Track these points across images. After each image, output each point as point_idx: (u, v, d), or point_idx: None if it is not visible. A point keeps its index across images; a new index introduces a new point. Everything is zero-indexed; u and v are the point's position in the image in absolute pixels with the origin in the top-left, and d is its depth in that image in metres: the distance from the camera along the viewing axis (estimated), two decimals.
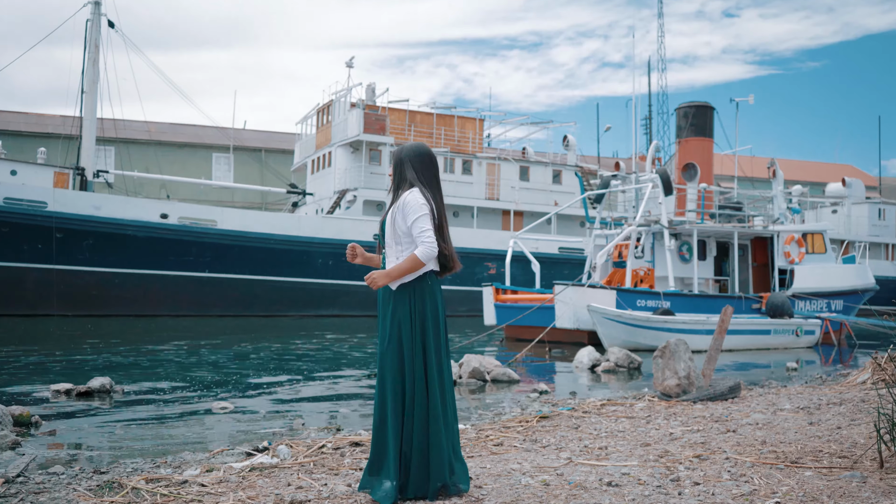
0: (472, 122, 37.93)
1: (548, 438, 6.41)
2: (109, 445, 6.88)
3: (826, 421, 6.99)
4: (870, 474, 4.52)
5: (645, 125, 49.62)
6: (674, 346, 9.12)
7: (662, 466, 5.09)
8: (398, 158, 4.45)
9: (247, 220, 31.14)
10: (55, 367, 13.32)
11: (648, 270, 22.33)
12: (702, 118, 27.35)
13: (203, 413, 8.73)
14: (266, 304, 30.91)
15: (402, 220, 4.26)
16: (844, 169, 67.20)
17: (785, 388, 10.35)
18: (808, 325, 20.42)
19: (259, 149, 49.02)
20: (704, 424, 6.99)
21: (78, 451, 6.58)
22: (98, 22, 31.25)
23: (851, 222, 41.12)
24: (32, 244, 27.58)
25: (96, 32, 31.19)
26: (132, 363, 14.23)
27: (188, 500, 4.50)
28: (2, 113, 47.27)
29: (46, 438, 7.15)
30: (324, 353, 17.01)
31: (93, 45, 31.14)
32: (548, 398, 9.81)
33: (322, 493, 4.55)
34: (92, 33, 31.18)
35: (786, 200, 27.47)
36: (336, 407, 9.46)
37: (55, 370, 12.75)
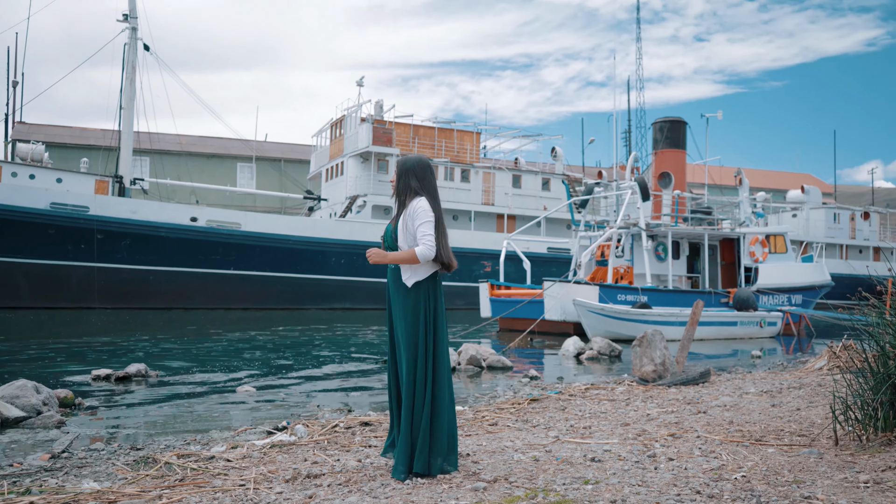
0: (470, 135, 37.91)
1: (538, 419, 6.40)
2: (145, 424, 6.88)
3: (787, 403, 6.98)
4: (826, 451, 4.52)
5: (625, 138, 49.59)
6: (650, 336, 9.12)
7: (640, 444, 5.08)
8: (403, 169, 4.49)
9: (268, 223, 31.16)
10: (96, 354, 13.33)
11: (628, 268, 22.35)
12: (675, 132, 27.33)
13: (229, 396, 8.73)
14: (285, 298, 30.92)
15: (411, 223, 4.35)
16: (803, 177, 67.18)
17: (750, 374, 10.34)
18: (770, 317, 20.43)
19: (279, 159, 49.02)
20: (678, 406, 6.99)
21: (116, 429, 6.58)
22: (135, 45, 31.28)
23: (809, 225, 41.08)
24: (76, 244, 27.61)
25: (133, 55, 31.23)
26: (165, 351, 14.23)
27: (215, 473, 4.50)
28: (49, 127, 47.25)
29: (88, 418, 7.15)
30: (337, 342, 17.00)
31: (130, 67, 31.17)
32: (538, 383, 9.81)
33: (335, 468, 4.55)
34: (129, 56, 31.22)
35: (751, 205, 27.46)
36: (347, 391, 9.45)
37: (96, 357, 12.76)
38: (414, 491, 3.91)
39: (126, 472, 4.64)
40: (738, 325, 19.65)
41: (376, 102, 35.78)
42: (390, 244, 4.43)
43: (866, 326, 5.06)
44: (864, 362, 4.89)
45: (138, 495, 4.00)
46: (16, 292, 26.84)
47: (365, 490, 3.98)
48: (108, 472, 4.72)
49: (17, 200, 26.84)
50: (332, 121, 38.22)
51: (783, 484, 3.74)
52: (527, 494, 3.72)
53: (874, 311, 5.18)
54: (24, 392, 6.92)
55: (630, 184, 23.02)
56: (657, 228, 22.66)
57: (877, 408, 4.67)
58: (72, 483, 4.40)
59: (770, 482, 3.79)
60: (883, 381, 4.62)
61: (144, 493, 4.03)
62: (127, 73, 31.19)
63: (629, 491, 3.71)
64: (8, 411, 6.56)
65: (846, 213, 42.59)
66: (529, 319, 18.70)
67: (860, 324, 5.33)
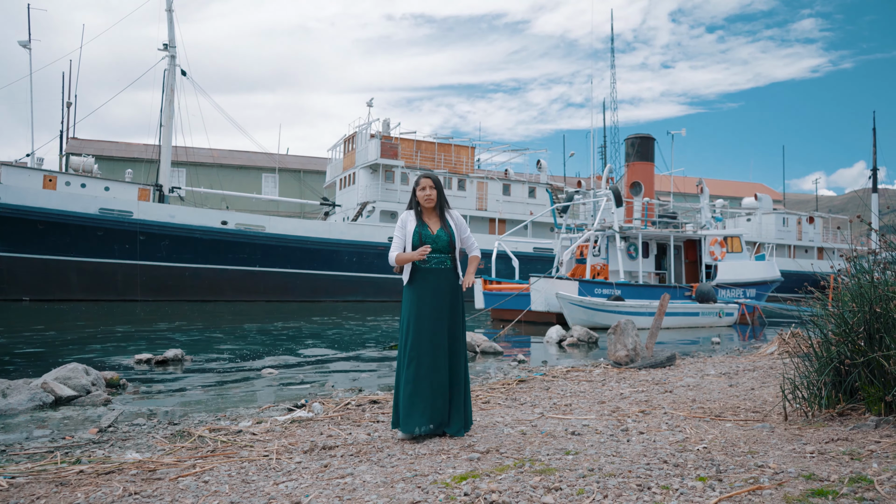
0: (466, 149, 37.89)
1: (525, 397, 6.39)
2: (180, 402, 6.86)
3: (742, 384, 6.98)
4: (777, 425, 4.51)
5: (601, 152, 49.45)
6: (623, 325, 9.11)
7: (615, 419, 5.07)
8: (441, 185, 4.74)
9: (288, 226, 31.14)
10: (138, 340, 13.30)
11: (604, 266, 22.33)
12: (645, 147, 27.30)
13: (254, 377, 8.71)
14: (304, 292, 30.90)
15: (462, 231, 4.70)
16: (756, 186, 67.17)
17: (710, 358, 10.33)
18: (728, 308, 20.43)
19: (298, 170, 48.94)
20: (647, 386, 6.98)
21: (156, 406, 6.56)
22: (173, 71, 31.29)
23: (762, 228, 41.10)
24: (121, 245, 27.58)
25: (172, 79, 31.23)
26: (199, 338, 14.20)
27: (242, 445, 4.48)
28: (98, 142, 47.16)
29: (131, 397, 7.13)
30: (348, 330, 16.98)
31: (169, 89, 31.15)
32: (525, 366, 9.79)
33: (347, 441, 4.53)
34: (168, 80, 31.21)
35: (710, 211, 27.46)
36: (358, 372, 9.44)
37: (138, 343, 12.73)
38: (417, 460, 3.90)
39: (164, 445, 4.62)
40: (699, 316, 19.65)
41: (384, 121, 35.75)
42: (445, 248, 4.60)
43: (811, 317, 5.05)
44: (809, 348, 4.88)
45: (175, 464, 3.99)
46: (68, 286, 26.83)
47: (374, 460, 3.97)
48: (148, 444, 4.70)
49: (70, 206, 26.83)
50: (345, 137, 38.20)
51: (739, 454, 3.73)
52: (515, 464, 3.71)
53: (818, 304, 5.17)
54: (75, 374, 6.91)
55: (605, 192, 23.02)
56: (629, 231, 22.66)
57: (821, 388, 4.66)
58: (116, 454, 4.38)
59: (728, 453, 3.78)
60: (826, 364, 4.61)
61: (180, 463, 4.02)
62: (166, 95, 31.18)
63: (605, 460, 3.70)
64: (61, 391, 6.54)
65: (794, 217, 42.60)
66: (518, 310, 18.70)
67: (806, 314, 5.32)
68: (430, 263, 4.56)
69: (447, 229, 4.61)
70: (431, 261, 4.57)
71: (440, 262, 4.58)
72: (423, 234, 4.57)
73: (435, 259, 4.57)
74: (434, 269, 4.56)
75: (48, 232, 26.44)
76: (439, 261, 4.58)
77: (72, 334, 14.33)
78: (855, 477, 3.12)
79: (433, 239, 4.55)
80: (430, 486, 3.34)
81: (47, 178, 27.87)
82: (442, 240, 4.58)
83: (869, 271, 4.71)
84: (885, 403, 4.26)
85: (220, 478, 3.67)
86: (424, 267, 4.57)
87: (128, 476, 3.75)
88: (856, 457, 3.50)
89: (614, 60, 52.30)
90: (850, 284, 4.74)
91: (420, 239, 4.56)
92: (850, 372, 4.49)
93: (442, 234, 4.59)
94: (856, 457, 3.50)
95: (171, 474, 3.77)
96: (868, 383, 4.41)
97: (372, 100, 36.35)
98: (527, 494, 3.12)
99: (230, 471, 3.81)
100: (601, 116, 57.90)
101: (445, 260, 4.60)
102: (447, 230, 4.60)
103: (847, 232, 43.43)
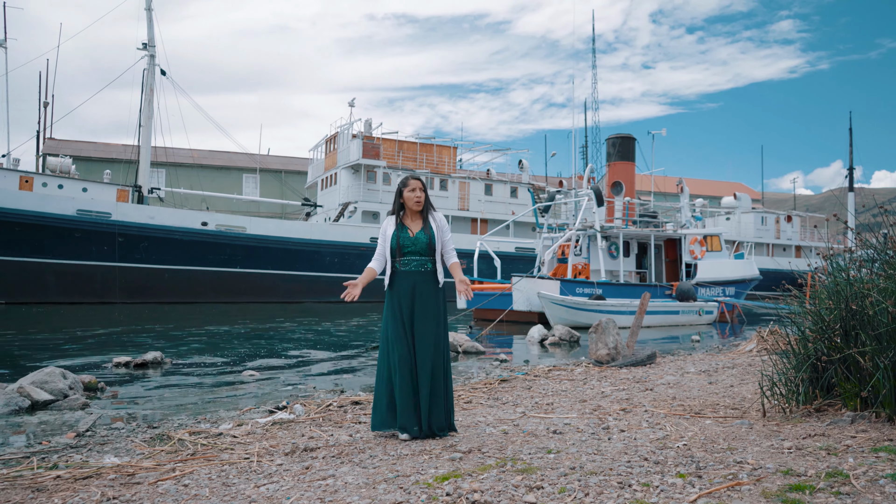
0: (448, 149, 37.91)
1: (507, 397, 6.40)
2: (160, 406, 6.79)
3: (722, 381, 7.04)
4: (755, 422, 4.56)
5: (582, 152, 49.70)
6: (605, 324, 9.16)
7: (596, 418, 5.09)
8: (426, 188, 4.72)
9: (270, 227, 30.96)
10: (117, 343, 13.16)
11: (585, 265, 22.44)
12: (626, 146, 27.48)
13: (234, 379, 8.65)
14: (285, 293, 30.73)
15: (443, 234, 4.64)
16: (735, 186, 67.84)
17: (690, 356, 10.42)
18: (707, 306, 20.61)
19: (280, 170, 48.67)
20: (628, 385, 7.02)
21: (135, 410, 6.49)
22: (152, 71, 30.96)
23: (741, 227, 41.50)
24: (99, 246, 27.26)
25: (151, 79, 30.90)
26: (179, 340, 14.07)
27: (223, 448, 4.45)
28: (76, 142, 46.58)
29: (109, 401, 7.04)
30: (330, 330, 16.92)
31: (148, 89, 30.84)
32: (507, 365, 9.81)
33: (329, 442, 4.51)
34: (147, 80, 30.90)
35: (690, 210, 27.69)
36: (339, 374, 9.41)
37: (117, 346, 12.59)
38: (399, 461, 3.89)
39: (143, 448, 4.58)
40: (679, 314, 19.81)
41: (366, 121, 35.68)
42: (424, 250, 4.55)
43: (789, 314, 5.11)
44: (787, 345, 4.94)
45: (154, 468, 3.95)
46: (46, 289, 26.46)
47: (356, 461, 3.95)
48: (127, 448, 4.65)
49: (48, 208, 26.47)
50: (327, 137, 38.05)
51: (719, 451, 3.76)
52: (497, 463, 3.71)
53: (796, 301, 5.23)
54: (52, 378, 6.81)
55: (587, 191, 23.14)
56: (610, 230, 22.78)
57: (798, 384, 4.72)
58: (95, 458, 4.33)
59: (708, 449, 3.81)
60: (803, 361, 4.67)
61: (160, 467, 3.98)
62: (145, 95, 30.87)
63: (586, 459, 3.72)
64: (38, 395, 6.45)
65: (772, 216, 43.07)
66: (500, 310, 18.74)
67: (784, 312, 5.38)
68: (409, 266, 4.54)
69: (427, 231, 4.57)
70: (411, 263, 4.54)
71: (420, 264, 4.55)
72: (402, 236, 4.56)
73: (415, 262, 4.54)
74: (414, 271, 4.54)
75: (25, 234, 26.06)
76: (419, 263, 4.55)
77: (49, 337, 14.14)
78: (831, 471, 3.16)
79: (412, 241, 4.53)
80: (412, 486, 3.33)
81: (24, 178, 27.47)
82: (420, 242, 4.54)
83: (845, 269, 4.77)
84: (860, 399, 4.32)
85: (201, 481, 3.64)
86: (404, 270, 4.55)
87: (106, 481, 3.70)
88: (832, 452, 3.55)
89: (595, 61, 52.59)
90: (827, 282, 4.80)
91: (398, 242, 4.54)
92: (827, 368, 4.55)
93: (421, 237, 4.55)
94: (832, 452, 3.55)
95: (150, 478, 3.73)
96: (844, 379, 4.47)
97: (354, 100, 36.27)
98: (508, 494, 3.13)
99: (210, 474, 3.78)
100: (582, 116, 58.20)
101: (426, 262, 4.57)
102: (427, 232, 4.57)
103: (824, 230, 43.98)
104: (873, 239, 4.92)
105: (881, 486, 2.91)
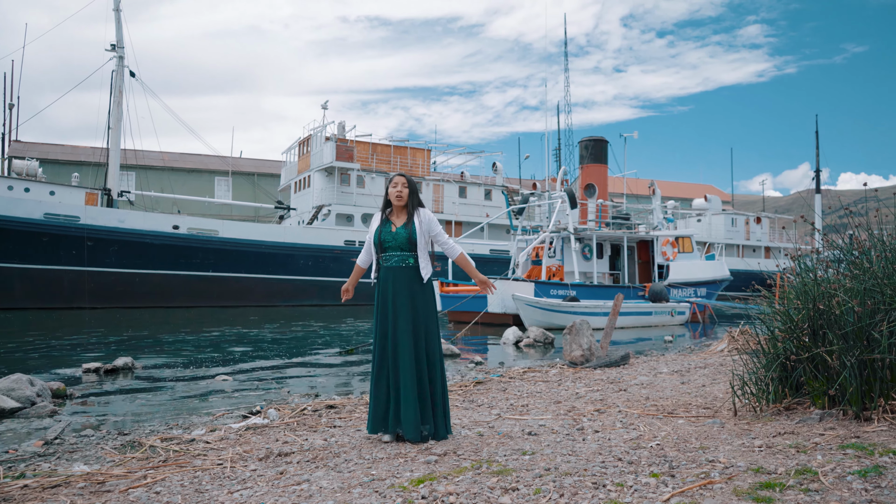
0: (422, 152, 37.90)
1: (482, 399, 6.41)
2: (131, 412, 6.69)
3: (694, 381, 7.12)
4: (727, 421, 4.62)
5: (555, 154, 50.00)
6: (579, 325, 9.21)
7: (570, 419, 5.12)
8: (413, 185, 4.74)
9: (242, 230, 30.66)
10: (87, 349, 12.93)
11: (559, 267, 22.57)
12: (598, 149, 27.69)
13: (207, 384, 8.55)
14: (259, 297, 30.46)
15: (429, 228, 4.63)
16: (706, 188, 68.75)
17: (663, 357, 10.52)
18: (680, 307, 20.84)
19: (252, 173, 48.26)
20: (602, 385, 7.06)
21: (105, 417, 6.38)
22: (121, 72, 30.49)
23: (712, 228, 42.04)
24: (67, 250, 26.78)
25: (120, 81, 30.43)
26: (150, 345, 13.87)
27: (195, 454, 4.39)
28: (43, 145, 45.73)
29: (79, 407, 6.92)
30: (305, 334, 16.80)
31: (117, 91, 30.37)
32: (482, 367, 9.82)
33: (303, 446, 4.48)
34: (116, 81, 30.41)
35: (662, 212, 28.00)
36: (315, 377, 9.34)
37: (87, 352, 12.37)
38: (374, 465, 3.88)
39: (114, 456, 4.50)
40: (652, 315, 20.01)
41: (339, 123, 35.51)
42: (405, 245, 4.54)
43: (759, 314, 5.19)
44: (757, 345, 5.01)
45: (125, 476, 3.88)
46: (12, 294, 25.91)
47: (330, 465, 3.93)
48: (97, 455, 4.57)
49: (14, 211, 25.92)
50: (300, 139, 37.82)
51: (691, 450, 3.80)
52: (472, 465, 3.72)
53: (765, 301, 5.31)
54: (19, 385, 6.67)
55: (560, 194, 23.27)
56: (584, 232, 22.95)
57: (768, 383, 4.79)
58: (63, 467, 4.25)
59: (680, 449, 3.86)
60: (773, 360, 4.74)
61: (131, 474, 3.92)
62: (114, 97, 30.38)
63: (561, 460, 3.74)
64: (4, 403, 6.32)
65: (742, 218, 43.72)
66: (474, 312, 18.76)
67: (754, 312, 5.46)
68: (391, 261, 4.56)
69: (409, 226, 4.58)
70: (392, 258, 4.56)
71: (401, 259, 4.56)
72: (383, 231, 4.59)
73: (396, 257, 4.56)
74: (395, 266, 4.54)
75: None
76: (400, 258, 4.55)
77: (16, 344, 13.85)
78: (801, 469, 3.22)
79: (392, 236, 4.55)
80: (388, 489, 3.32)
81: None
82: (401, 237, 4.54)
83: (812, 270, 4.86)
84: (828, 397, 4.40)
85: (173, 488, 3.59)
86: (386, 265, 4.56)
87: (75, 489, 3.64)
88: (801, 449, 3.61)
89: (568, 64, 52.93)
90: (795, 283, 4.88)
91: (379, 238, 4.58)
92: (796, 367, 4.63)
93: (402, 232, 4.56)
94: (801, 449, 3.61)
95: (120, 486, 3.67)
96: (812, 378, 4.55)
97: (327, 102, 36.16)
98: (484, 496, 3.13)
99: (183, 481, 3.73)
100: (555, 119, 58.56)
101: (408, 258, 4.56)
102: (408, 227, 4.58)
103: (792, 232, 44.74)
104: (839, 240, 5.02)
105: (849, 483, 2.97)
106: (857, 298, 4.28)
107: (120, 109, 30.29)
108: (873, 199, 5.72)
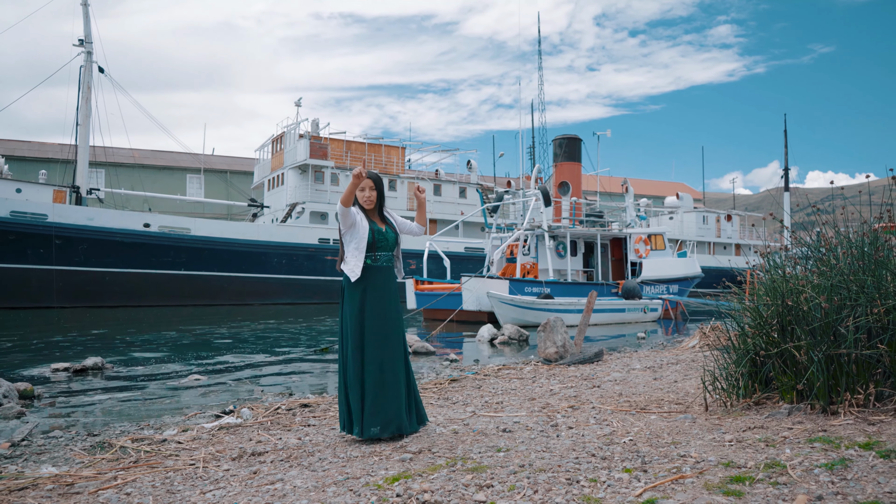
0: (396, 149, 37.82)
1: (457, 396, 6.42)
2: (101, 413, 6.58)
3: (666, 377, 7.19)
4: (698, 416, 4.68)
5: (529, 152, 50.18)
6: (553, 323, 9.26)
7: (545, 415, 5.15)
8: (381, 185, 4.70)
9: (215, 228, 30.33)
10: (55, 349, 12.69)
11: (533, 264, 22.67)
12: (572, 147, 27.85)
13: (179, 384, 8.44)
14: (232, 295, 30.17)
15: (402, 228, 4.77)
16: (678, 186, 69.54)
17: (636, 353, 10.61)
18: (652, 304, 21.05)
19: (225, 171, 47.75)
20: (576, 382, 7.11)
21: (74, 418, 6.27)
22: (90, 68, 29.96)
23: (683, 226, 42.55)
24: (35, 249, 26.27)
25: (88, 76, 29.89)
26: (121, 345, 13.66)
27: (167, 455, 4.34)
28: (9, 141, 44.78)
29: (47, 409, 6.79)
30: (279, 333, 16.68)
31: (85, 87, 29.84)
32: (457, 365, 9.83)
33: (277, 446, 4.45)
34: (85, 77, 29.87)
35: (635, 210, 28.26)
36: (289, 376, 9.28)
37: (55, 352, 12.14)
38: (348, 463, 3.86)
39: (83, 457, 4.43)
40: (625, 312, 20.19)
41: (313, 121, 35.29)
42: (393, 245, 4.62)
43: (729, 310, 5.26)
44: (727, 340, 5.08)
45: (95, 477, 3.82)
46: None
47: (304, 464, 3.91)
48: (66, 457, 4.49)
49: None
50: (274, 137, 37.52)
51: (664, 445, 3.85)
52: (447, 462, 3.72)
53: (735, 298, 5.39)
54: None
55: (534, 192, 23.37)
56: (558, 230, 23.08)
57: (738, 378, 4.86)
58: (31, 469, 4.17)
59: (653, 444, 3.90)
60: (743, 355, 4.81)
61: (101, 475, 3.86)
62: (83, 93, 29.84)
63: (535, 456, 3.75)
64: None
65: (713, 215, 44.31)
66: (449, 310, 18.78)
67: (725, 308, 5.53)
68: (380, 262, 4.56)
69: (393, 228, 4.68)
70: (382, 259, 4.56)
71: (387, 259, 4.61)
72: (377, 230, 4.57)
73: (384, 257, 4.57)
74: (384, 267, 4.57)
75: None
76: (387, 259, 4.60)
77: None
78: (770, 463, 3.27)
79: (383, 236, 4.57)
80: (363, 488, 3.31)
81: None
82: (390, 238, 4.61)
83: (781, 267, 4.94)
84: (796, 392, 4.48)
85: (144, 489, 3.54)
86: (376, 266, 4.54)
87: (43, 492, 3.57)
88: (770, 443, 3.67)
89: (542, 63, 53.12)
90: (765, 279, 4.96)
91: (373, 237, 4.53)
92: (765, 362, 4.70)
93: (389, 233, 4.63)
94: (770, 443, 3.67)
95: (90, 488, 3.61)
96: (781, 373, 4.63)
97: (300, 99, 35.85)
98: (459, 493, 3.14)
99: (154, 482, 3.69)
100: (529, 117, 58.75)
101: (391, 258, 4.64)
102: (393, 230, 4.67)
103: (762, 229, 45.48)
104: (807, 237, 5.11)
105: (816, 476, 3.03)
106: (825, 295, 4.36)
107: (88, 106, 29.77)
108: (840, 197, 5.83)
